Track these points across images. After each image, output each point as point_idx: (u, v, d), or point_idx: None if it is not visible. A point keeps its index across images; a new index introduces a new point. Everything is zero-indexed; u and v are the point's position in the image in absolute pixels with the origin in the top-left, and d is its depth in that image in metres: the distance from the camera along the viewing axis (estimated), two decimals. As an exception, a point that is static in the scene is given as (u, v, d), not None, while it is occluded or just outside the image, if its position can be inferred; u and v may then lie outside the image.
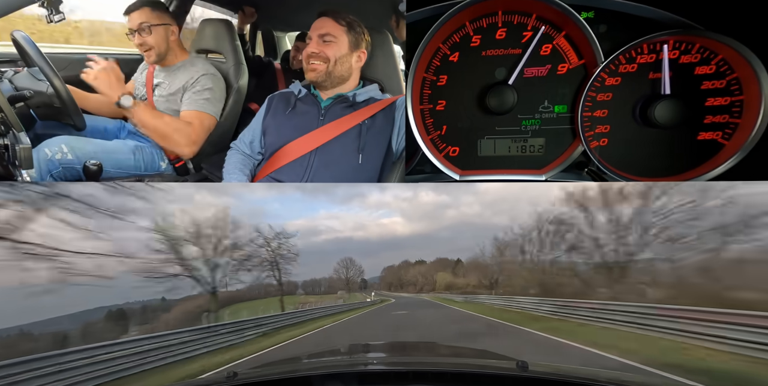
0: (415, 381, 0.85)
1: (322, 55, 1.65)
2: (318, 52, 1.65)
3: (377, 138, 1.60)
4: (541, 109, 1.59)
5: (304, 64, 1.69)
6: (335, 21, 1.66)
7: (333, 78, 1.66)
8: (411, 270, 26.93)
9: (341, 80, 1.68)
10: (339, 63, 1.66)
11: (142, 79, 2.18)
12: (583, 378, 0.83)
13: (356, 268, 23.88)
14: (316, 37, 1.66)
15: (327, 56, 1.64)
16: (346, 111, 1.63)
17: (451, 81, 1.60)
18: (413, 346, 1.61)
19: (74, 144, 1.81)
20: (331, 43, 1.65)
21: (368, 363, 1.12)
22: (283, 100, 1.75)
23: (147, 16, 1.92)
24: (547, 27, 1.51)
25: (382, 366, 1.04)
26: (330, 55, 1.65)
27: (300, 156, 1.62)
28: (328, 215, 16.16)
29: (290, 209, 17.94)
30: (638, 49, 1.48)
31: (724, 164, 1.48)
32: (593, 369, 0.97)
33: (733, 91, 1.47)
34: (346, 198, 17.24)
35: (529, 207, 17.02)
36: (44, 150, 1.74)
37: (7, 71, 1.69)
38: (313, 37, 1.67)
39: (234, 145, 1.83)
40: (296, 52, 3.25)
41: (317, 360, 1.33)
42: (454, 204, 24.25)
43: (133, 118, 1.89)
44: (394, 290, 27.56)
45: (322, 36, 1.66)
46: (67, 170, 1.78)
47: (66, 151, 1.77)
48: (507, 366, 0.99)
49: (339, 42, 1.65)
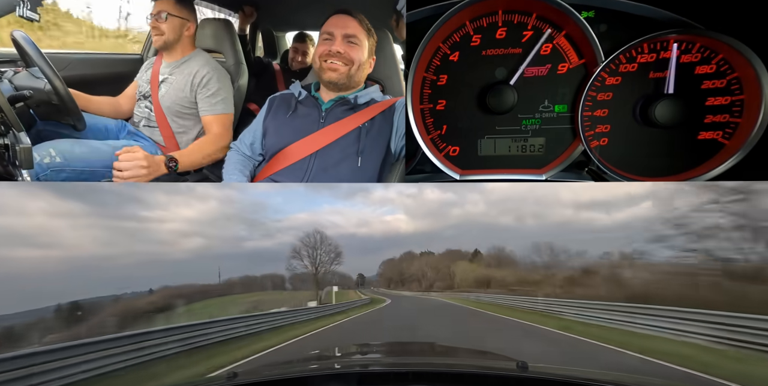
0: (415, 381, 0.85)
1: (347, 57, 1.58)
2: (343, 53, 1.58)
3: (376, 140, 1.59)
4: (542, 108, 1.59)
5: (318, 62, 1.63)
6: (359, 23, 1.60)
7: (351, 82, 1.62)
8: (415, 263, 22.95)
9: (356, 85, 1.66)
10: (361, 68, 1.62)
11: (147, 77, 2.18)
12: (583, 379, 0.82)
13: (331, 250, 12.76)
14: (341, 37, 1.59)
15: (351, 59, 1.59)
16: (347, 113, 1.62)
17: (451, 80, 1.60)
18: (413, 346, 1.61)
19: (62, 147, 1.82)
20: (356, 47, 1.59)
21: (368, 363, 1.12)
22: (284, 101, 1.75)
23: (170, 6, 1.99)
24: (548, 27, 1.51)
25: (381, 366, 1.04)
26: (354, 59, 1.59)
27: (300, 159, 1.62)
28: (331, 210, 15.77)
29: (293, 203, 17.68)
30: (638, 49, 1.48)
31: (725, 164, 1.48)
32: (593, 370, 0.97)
33: (733, 91, 1.47)
34: (350, 193, 16.81)
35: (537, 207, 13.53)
36: (33, 154, 1.76)
37: (6, 71, 1.69)
38: (336, 36, 1.59)
39: (234, 145, 1.83)
40: (295, 53, 3.25)
41: (317, 360, 1.33)
42: (460, 202, 18.54)
43: (184, 170, 1.96)
44: (394, 287, 25.27)
45: (348, 37, 1.59)
46: (56, 173, 1.79)
47: (54, 154, 1.78)
48: (507, 366, 0.99)
49: (362, 46, 1.61)
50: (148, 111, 2.14)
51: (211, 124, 2.07)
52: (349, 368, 1.01)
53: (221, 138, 2.04)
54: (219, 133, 2.05)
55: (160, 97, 2.10)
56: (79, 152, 1.84)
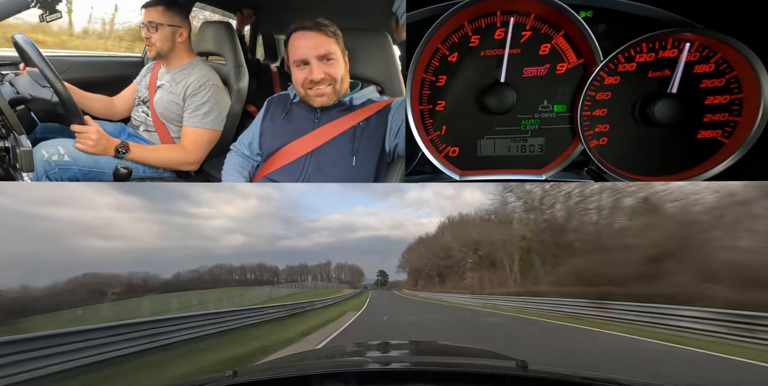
0: (415, 381, 0.85)
1: (328, 78, 1.52)
2: (324, 77, 1.50)
3: (371, 140, 1.59)
4: (541, 108, 1.59)
5: (302, 90, 1.58)
6: (326, 34, 1.50)
7: (340, 94, 1.61)
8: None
9: (345, 92, 1.65)
10: (343, 78, 1.57)
11: (145, 82, 2.19)
12: (583, 378, 0.82)
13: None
14: (316, 60, 1.49)
15: (334, 77, 1.53)
16: (342, 113, 1.63)
17: (450, 81, 1.61)
18: (413, 346, 1.60)
19: (71, 146, 1.84)
20: (333, 61, 1.51)
21: (368, 363, 1.12)
22: (280, 102, 1.76)
23: (158, 15, 1.98)
24: (545, 27, 1.51)
25: (382, 366, 1.04)
26: (336, 75, 1.52)
27: (296, 158, 1.63)
28: (365, 211, 15.11)
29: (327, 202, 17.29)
30: (637, 48, 1.49)
31: (724, 163, 1.48)
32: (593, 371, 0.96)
33: (732, 90, 1.47)
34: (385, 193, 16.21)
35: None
36: (41, 151, 1.77)
37: (8, 74, 1.70)
38: (311, 60, 1.49)
39: (234, 146, 1.84)
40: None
41: (317, 359, 1.33)
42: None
43: (134, 161, 1.97)
44: (424, 286, 17.45)
45: (322, 57, 1.49)
46: (63, 171, 1.80)
47: (63, 152, 1.80)
48: (507, 365, 0.99)
49: (337, 57, 1.53)
50: (145, 116, 2.15)
51: (185, 136, 2.07)
52: (349, 367, 1.01)
53: (187, 153, 2.06)
54: (185, 147, 2.06)
55: (155, 102, 2.12)
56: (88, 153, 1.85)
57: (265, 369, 1.16)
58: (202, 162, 2.10)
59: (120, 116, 2.26)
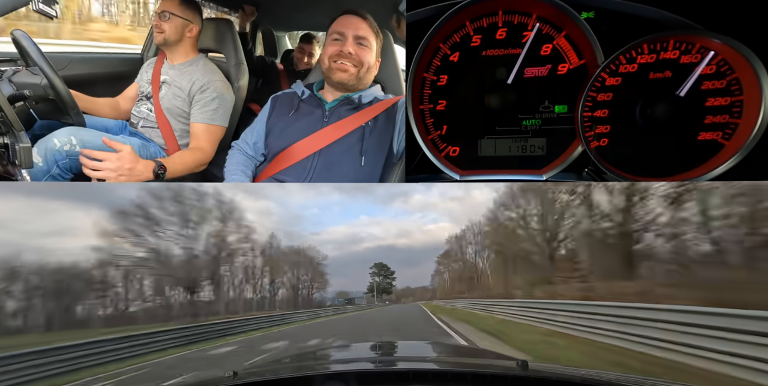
0: (415, 381, 0.85)
1: (357, 58, 1.57)
2: (354, 54, 1.57)
3: (379, 140, 1.59)
4: (542, 109, 1.59)
5: (327, 62, 1.61)
6: (369, 25, 1.58)
7: (360, 84, 1.61)
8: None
9: (363, 87, 1.65)
10: (369, 70, 1.61)
11: (147, 77, 2.18)
12: (584, 378, 0.82)
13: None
14: (352, 38, 1.57)
15: (361, 60, 1.58)
16: (350, 112, 1.62)
17: (451, 81, 1.60)
18: (414, 346, 1.61)
19: (83, 136, 1.83)
20: (366, 48, 1.58)
21: (369, 363, 1.12)
22: (286, 101, 1.74)
23: (173, 6, 1.99)
24: (547, 27, 1.51)
25: (382, 366, 1.04)
26: (364, 61, 1.58)
27: (303, 157, 1.61)
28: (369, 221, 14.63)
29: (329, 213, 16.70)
30: (639, 49, 1.48)
31: (724, 164, 1.48)
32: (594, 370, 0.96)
33: (733, 92, 1.47)
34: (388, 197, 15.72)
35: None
36: (53, 140, 1.76)
37: (6, 70, 1.69)
38: (348, 37, 1.57)
39: (236, 144, 1.82)
40: (301, 54, 3.25)
41: (317, 360, 1.33)
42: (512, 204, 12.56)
43: (170, 177, 1.88)
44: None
45: (358, 38, 1.57)
46: (73, 161, 1.79)
47: (75, 142, 1.79)
48: (507, 365, 0.99)
49: (371, 48, 1.60)
50: (148, 111, 2.13)
51: (198, 135, 2.02)
52: (349, 368, 1.01)
53: (204, 154, 2.01)
54: (203, 147, 2.01)
55: (160, 97, 2.10)
56: (99, 144, 1.83)
57: (265, 369, 1.16)
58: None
59: (127, 116, 2.25)
